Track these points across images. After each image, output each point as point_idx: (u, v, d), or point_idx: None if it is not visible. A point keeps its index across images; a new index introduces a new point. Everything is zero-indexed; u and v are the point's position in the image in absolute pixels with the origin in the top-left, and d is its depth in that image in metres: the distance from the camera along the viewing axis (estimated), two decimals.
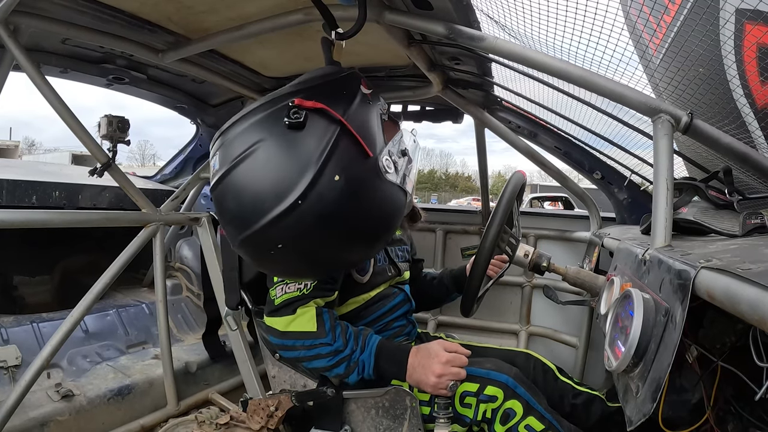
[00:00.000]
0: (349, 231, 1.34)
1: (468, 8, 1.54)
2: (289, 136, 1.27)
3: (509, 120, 2.60)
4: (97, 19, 1.84)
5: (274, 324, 1.61)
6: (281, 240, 1.28)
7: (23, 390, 1.94)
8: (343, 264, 1.56)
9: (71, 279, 3.35)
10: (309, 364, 1.61)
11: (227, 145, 1.34)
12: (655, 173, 1.24)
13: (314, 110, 1.27)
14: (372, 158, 1.33)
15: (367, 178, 1.33)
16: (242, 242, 1.33)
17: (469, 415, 1.58)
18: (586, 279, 1.76)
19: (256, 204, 1.27)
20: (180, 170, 3.83)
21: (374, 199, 1.36)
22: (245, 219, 1.29)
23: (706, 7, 1.34)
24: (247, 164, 1.28)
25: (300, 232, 1.26)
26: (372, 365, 1.56)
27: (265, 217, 1.25)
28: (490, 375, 1.60)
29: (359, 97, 1.37)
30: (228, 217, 1.36)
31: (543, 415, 1.55)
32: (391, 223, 1.47)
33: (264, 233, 1.27)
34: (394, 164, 1.40)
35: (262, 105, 1.33)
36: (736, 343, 0.98)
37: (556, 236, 2.84)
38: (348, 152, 1.29)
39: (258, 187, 1.28)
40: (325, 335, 1.55)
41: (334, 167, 1.25)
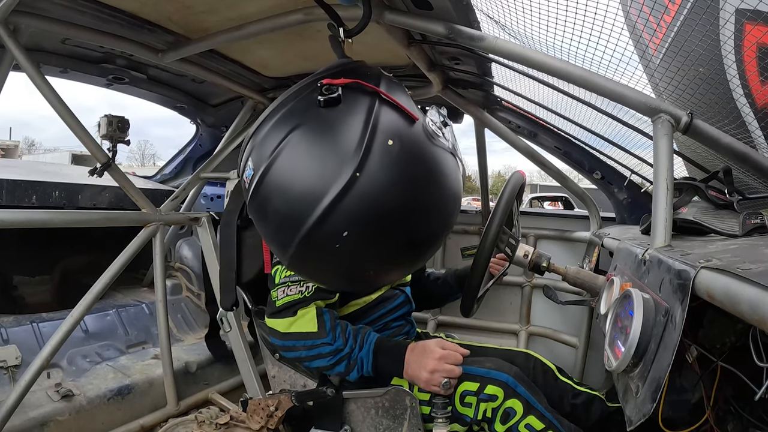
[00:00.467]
0: (417, 201, 1.23)
1: (468, 8, 1.54)
2: (327, 115, 1.19)
3: (509, 120, 2.60)
4: (97, 19, 1.84)
5: (275, 325, 1.60)
6: (347, 225, 1.15)
7: (23, 390, 1.94)
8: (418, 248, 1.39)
9: (71, 279, 3.35)
10: (310, 363, 1.60)
11: (259, 146, 1.25)
12: (655, 173, 1.24)
13: (347, 85, 1.20)
14: (418, 122, 1.26)
15: (420, 141, 1.25)
16: (300, 245, 1.20)
17: (470, 415, 1.58)
18: (586, 279, 1.76)
19: (307, 193, 1.15)
20: (180, 170, 3.83)
21: (433, 162, 1.26)
22: (298, 215, 1.17)
23: (706, 7, 1.34)
24: (286, 155, 1.19)
25: (367, 209, 1.15)
26: (371, 362, 1.55)
27: (321, 204, 1.13)
28: (490, 374, 1.60)
29: (384, 77, 1.32)
30: (276, 223, 1.24)
31: (543, 414, 1.55)
32: (456, 192, 1.35)
33: (324, 223, 1.15)
34: (441, 131, 1.32)
35: (288, 96, 1.27)
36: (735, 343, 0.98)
37: (555, 236, 2.84)
38: (393, 119, 1.22)
39: (305, 174, 1.17)
40: (325, 335, 1.54)
41: (384, 134, 1.17)
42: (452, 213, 1.40)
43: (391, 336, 1.83)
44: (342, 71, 1.28)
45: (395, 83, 1.34)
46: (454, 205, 1.38)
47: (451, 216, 1.41)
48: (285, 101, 1.26)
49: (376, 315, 1.81)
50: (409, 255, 1.40)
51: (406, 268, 1.54)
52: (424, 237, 1.36)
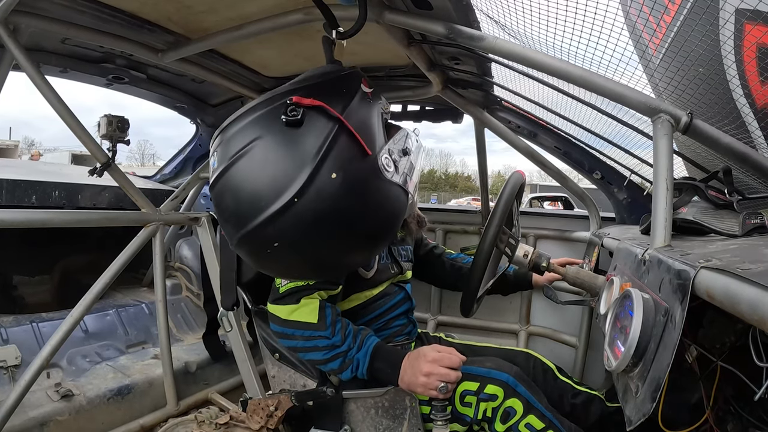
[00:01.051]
0: (348, 231, 1.32)
1: (468, 8, 1.54)
2: (287, 134, 1.25)
3: (509, 120, 2.60)
4: (97, 19, 1.84)
5: (276, 311, 1.62)
6: (278, 238, 1.26)
7: (23, 390, 1.94)
8: (342, 266, 1.53)
9: (71, 279, 3.35)
10: (305, 355, 1.62)
11: (226, 143, 1.33)
12: (655, 173, 1.24)
13: (312, 107, 1.26)
14: (371, 157, 1.31)
15: (365, 176, 1.32)
16: (239, 240, 1.32)
17: (470, 414, 1.58)
18: (586, 279, 1.76)
19: (253, 201, 1.26)
20: (180, 170, 3.82)
21: (373, 198, 1.34)
22: (242, 217, 1.28)
23: (705, 7, 1.34)
24: (245, 161, 1.27)
25: (297, 230, 1.25)
26: (366, 365, 1.56)
27: (261, 215, 1.24)
28: (490, 374, 1.60)
29: (359, 96, 1.37)
30: (226, 216, 1.35)
31: (543, 413, 1.55)
32: (391, 224, 1.46)
33: (260, 231, 1.26)
34: (395, 163, 1.39)
35: (261, 103, 1.32)
36: (735, 343, 0.99)
37: (555, 236, 2.84)
38: (346, 150, 1.28)
39: (255, 185, 1.26)
40: (324, 329, 1.56)
41: (331, 165, 1.23)
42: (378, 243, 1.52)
43: (392, 336, 1.84)
44: (319, 84, 1.35)
45: (367, 103, 1.40)
46: (384, 236, 1.48)
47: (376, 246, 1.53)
48: (257, 106, 1.32)
49: (377, 312, 1.82)
50: (331, 269, 1.52)
51: (327, 276, 1.62)
52: (348, 256, 1.46)
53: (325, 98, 1.28)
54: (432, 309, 3.10)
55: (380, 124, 1.42)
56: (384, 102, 1.48)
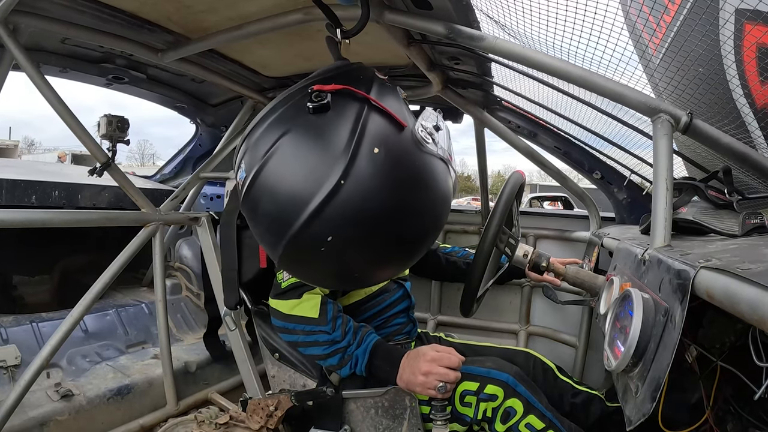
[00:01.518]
0: (402, 209, 1.23)
1: (468, 8, 1.54)
2: (315, 122, 1.20)
3: (509, 120, 2.60)
4: (97, 19, 1.84)
5: (278, 306, 1.62)
6: (330, 231, 1.17)
7: (23, 390, 1.94)
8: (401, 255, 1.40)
9: (71, 279, 3.35)
10: (305, 350, 1.62)
11: (251, 149, 1.26)
12: (655, 173, 1.24)
13: (337, 92, 1.21)
14: (407, 129, 1.25)
15: (408, 149, 1.25)
16: (287, 246, 1.21)
17: (470, 414, 1.58)
18: (586, 279, 1.76)
19: (294, 197, 1.17)
20: (179, 170, 3.83)
21: (420, 169, 1.26)
22: (285, 218, 1.18)
23: (705, 7, 1.34)
24: (276, 159, 1.20)
25: (349, 217, 1.16)
26: (365, 362, 1.56)
27: (307, 208, 1.14)
28: (490, 374, 1.60)
29: (377, 81, 1.33)
30: (266, 224, 1.26)
31: (543, 413, 1.55)
32: (443, 201, 1.35)
33: (309, 228, 1.16)
34: (431, 136, 1.31)
35: (280, 101, 1.27)
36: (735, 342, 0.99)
37: (555, 236, 2.84)
38: (381, 126, 1.22)
39: (293, 179, 1.18)
40: (325, 324, 1.56)
41: (370, 142, 1.17)
42: (439, 217, 1.40)
43: (392, 334, 1.84)
44: (334, 76, 1.29)
45: (388, 87, 1.34)
46: (441, 209, 1.37)
47: (438, 220, 1.40)
48: (277, 105, 1.27)
49: (376, 309, 1.82)
50: (394, 258, 1.39)
51: (391, 270, 1.53)
52: (410, 241, 1.35)
53: (347, 83, 1.24)
54: (432, 309, 3.10)
55: (403, 103, 1.35)
56: (400, 89, 1.41)
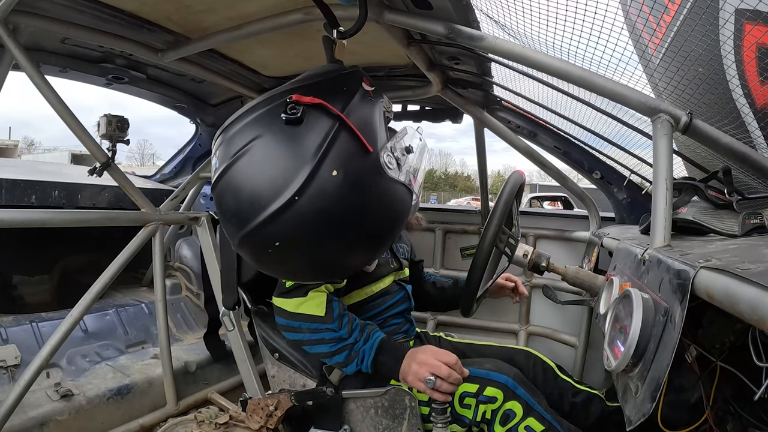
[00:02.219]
0: (349, 229, 1.30)
1: (467, 8, 1.54)
2: (287, 132, 1.24)
3: (509, 120, 2.60)
4: (97, 19, 1.84)
5: (283, 305, 1.62)
6: (279, 238, 1.25)
7: (22, 389, 1.94)
8: (343, 267, 1.51)
9: (70, 278, 3.35)
10: (311, 348, 1.62)
11: (226, 143, 1.32)
12: (655, 173, 1.24)
13: (312, 105, 1.25)
14: (372, 154, 1.29)
15: (367, 174, 1.30)
16: (241, 240, 1.31)
17: (469, 416, 1.58)
18: (586, 279, 1.76)
19: (253, 200, 1.25)
20: (179, 170, 3.83)
21: (375, 195, 1.32)
22: (243, 216, 1.27)
23: (705, 7, 1.34)
24: (245, 160, 1.26)
25: (298, 229, 1.24)
26: (372, 357, 1.57)
27: (262, 214, 1.22)
28: (489, 376, 1.60)
29: (360, 94, 1.36)
30: (227, 215, 1.34)
31: (543, 415, 1.55)
32: (394, 223, 1.43)
33: (262, 230, 1.25)
34: (397, 161, 1.36)
35: (261, 102, 1.31)
36: (735, 342, 0.99)
37: (555, 236, 2.84)
38: (347, 147, 1.26)
39: (255, 183, 1.26)
40: (332, 321, 1.57)
41: (332, 162, 1.22)
42: (382, 242, 1.48)
43: (390, 334, 1.84)
44: (319, 83, 1.34)
45: (368, 101, 1.38)
46: (388, 233, 1.45)
47: (379, 244, 1.48)
48: (257, 105, 1.31)
49: (377, 310, 1.82)
50: (331, 269, 1.49)
51: (328, 278, 1.61)
52: (352, 257, 1.43)
53: (326, 96, 1.27)
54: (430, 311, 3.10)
55: (382, 122, 1.39)
56: (386, 101, 1.46)
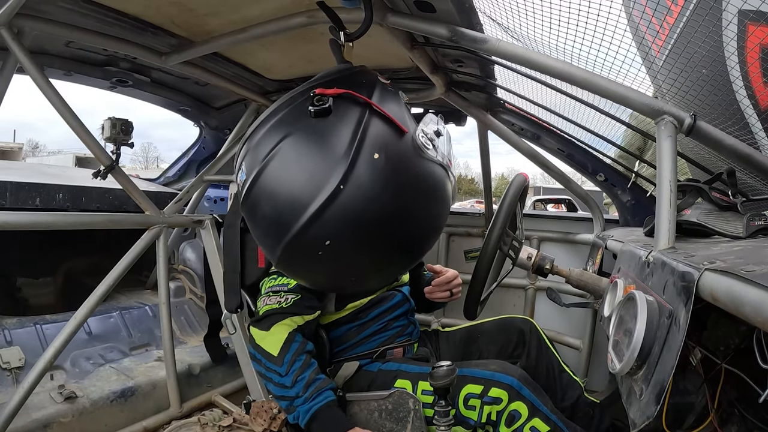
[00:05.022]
0: (401, 214, 1.24)
1: (470, 11, 1.54)
2: (317, 125, 1.20)
3: (512, 122, 2.60)
4: (101, 22, 1.85)
5: (252, 333, 1.63)
6: (328, 235, 1.18)
7: (26, 391, 1.94)
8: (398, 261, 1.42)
9: (75, 281, 3.35)
10: (265, 383, 1.62)
11: (252, 151, 1.27)
12: (659, 175, 1.24)
13: (339, 96, 1.22)
14: (408, 135, 1.26)
15: (407, 154, 1.26)
16: (285, 249, 1.23)
17: (474, 417, 1.57)
18: (590, 281, 1.76)
19: (293, 201, 1.18)
20: (183, 173, 3.83)
21: (420, 176, 1.28)
22: (284, 221, 1.19)
23: (708, 8, 1.34)
24: (276, 162, 1.21)
25: (348, 222, 1.17)
26: (305, 422, 1.54)
27: (305, 213, 1.16)
28: (494, 377, 1.59)
29: (380, 85, 1.34)
30: (264, 227, 1.27)
31: (548, 416, 1.55)
32: (442, 205, 1.37)
33: (307, 232, 1.17)
34: (432, 142, 1.33)
35: (282, 104, 1.28)
36: (740, 345, 0.98)
37: (559, 238, 2.84)
38: (382, 131, 1.23)
39: (292, 183, 1.19)
40: (281, 365, 1.53)
41: (371, 147, 1.18)
42: (438, 223, 1.42)
43: (393, 337, 1.83)
44: (336, 79, 1.30)
45: (390, 91, 1.36)
46: (440, 215, 1.39)
47: (436, 226, 1.43)
48: (278, 108, 1.27)
49: (374, 314, 1.82)
50: (392, 263, 1.42)
51: (388, 274, 1.55)
52: (408, 246, 1.37)
53: (349, 87, 1.25)
54: (435, 312, 3.09)
55: (405, 108, 1.37)
56: (402, 94, 1.44)
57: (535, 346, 1.90)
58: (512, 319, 2.01)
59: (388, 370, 1.73)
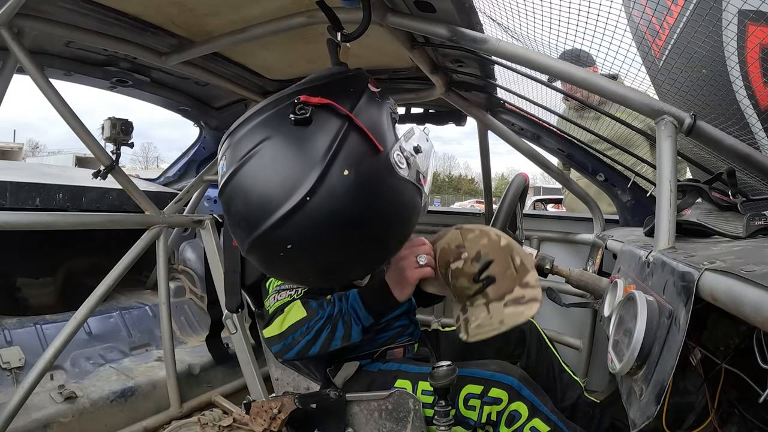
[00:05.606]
0: (362, 230, 1.29)
1: (470, 10, 1.54)
2: (296, 133, 1.24)
3: (512, 122, 2.60)
4: (101, 22, 1.85)
5: (271, 332, 1.60)
6: (291, 240, 1.24)
7: (26, 391, 1.94)
8: (354, 269, 1.49)
9: (75, 281, 3.36)
10: (314, 347, 1.59)
11: (234, 146, 1.31)
12: (659, 175, 1.24)
13: (321, 106, 1.25)
14: (383, 153, 1.29)
15: (378, 173, 1.29)
16: (252, 245, 1.29)
17: (473, 417, 1.57)
18: (590, 281, 1.75)
19: (264, 202, 1.23)
20: (183, 173, 3.83)
21: (387, 195, 1.31)
22: (253, 219, 1.25)
23: (708, 8, 1.34)
24: (254, 163, 1.25)
25: (310, 230, 1.22)
26: (361, 304, 1.58)
27: (273, 216, 1.21)
28: (494, 377, 1.59)
29: (367, 95, 1.36)
30: (236, 220, 1.32)
31: (548, 416, 1.55)
32: (406, 223, 1.42)
33: (273, 233, 1.23)
34: (407, 160, 1.35)
35: (268, 104, 1.31)
36: (740, 345, 0.98)
37: (559, 238, 2.84)
38: (357, 147, 1.25)
39: (265, 185, 1.24)
40: (315, 313, 1.57)
41: (342, 162, 1.21)
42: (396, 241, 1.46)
43: (394, 336, 1.83)
44: (326, 84, 1.34)
45: (376, 102, 1.38)
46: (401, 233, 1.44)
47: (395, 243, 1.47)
48: (264, 108, 1.31)
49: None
50: (345, 272, 1.47)
51: (342, 280, 1.61)
52: (363, 258, 1.41)
53: (333, 97, 1.27)
54: (436, 311, 3.10)
55: (389, 122, 1.39)
56: (392, 102, 1.45)
57: (535, 346, 1.90)
58: None
59: (388, 370, 1.73)
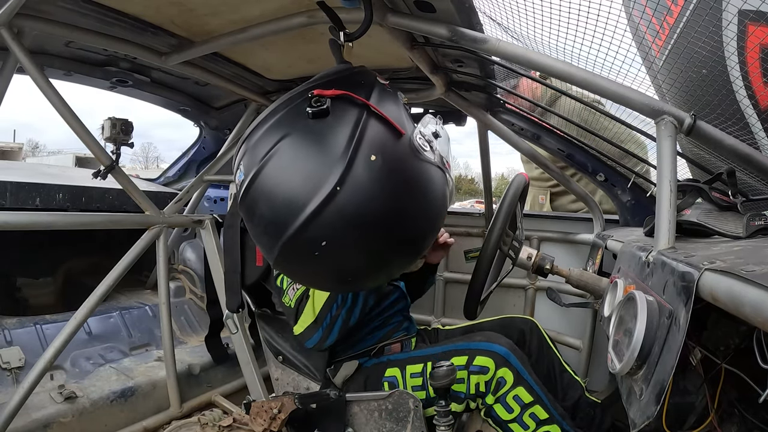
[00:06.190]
0: (398, 215, 1.24)
1: (470, 10, 1.54)
2: (315, 126, 1.21)
3: (512, 122, 2.60)
4: (101, 22, 1.85)
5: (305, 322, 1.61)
6: (325, 236, 1.18)
7: (26, 391, 1.94)
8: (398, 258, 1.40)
9: (75, 281, 3.35)
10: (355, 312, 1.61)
11: (251, 150, 1.27)
12: (659, 175, 1.24)
13: (336, 97, 1.22)
14: (405, 137, 1.27)
15: (404, 156, 1.26)
16: (282, 250, 1.23)
17: (462, 390, 1.57)
18: (590, 281, 1.76)
19: (290, 202, 1.18)
20: (183, 173, 3.83)
21: (416, 178, 1.28)
22: (281, 222, 1.20)
23: (708, 8, 1.34)
24: (274, 163, 1.21)
25: (344, 222, 1.17)
26: None
27: (302, 214, 1.16)
28: (480, 346, 1.60)
29: (378, 86, 1.34)
30: (262, 226, 1.27)
31: (532, 387, 1.56)
32: (440, 207, 1.37)
33: (304, 232, 1.17)
34: (429, 144, 1.33)
35: (280, 105, 1.28)
36: (740, 345, 0.98)
37: (559, 238, 2.84)
38: (379, 133, 1.23)
39: (289, 184, 1.20)
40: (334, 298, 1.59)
41: (368, 149, 1.18)
42: (435, 224, 1.42)
43: (391, 332, 1.84)
44: (335, 80, 1.31)
45: (388, 92, 1.36)
46: (437, 216, 1.39)
47: (433, 227, 1.42)
48: (277, 108, 1.28)
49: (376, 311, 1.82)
50: (389, 263, 1.40)
51: (386, 274, 1.52)
52: (404, 247, 1.37)
53: (347, 89, 1.25)
54: (436, 311, 3.09)
55: (403, 109, 1.37)
56: (401, 94, 1.44)
57: (536, 346, 1.90)
58: (513, 318, 2.02)
59: (379, 362, 1.75)
